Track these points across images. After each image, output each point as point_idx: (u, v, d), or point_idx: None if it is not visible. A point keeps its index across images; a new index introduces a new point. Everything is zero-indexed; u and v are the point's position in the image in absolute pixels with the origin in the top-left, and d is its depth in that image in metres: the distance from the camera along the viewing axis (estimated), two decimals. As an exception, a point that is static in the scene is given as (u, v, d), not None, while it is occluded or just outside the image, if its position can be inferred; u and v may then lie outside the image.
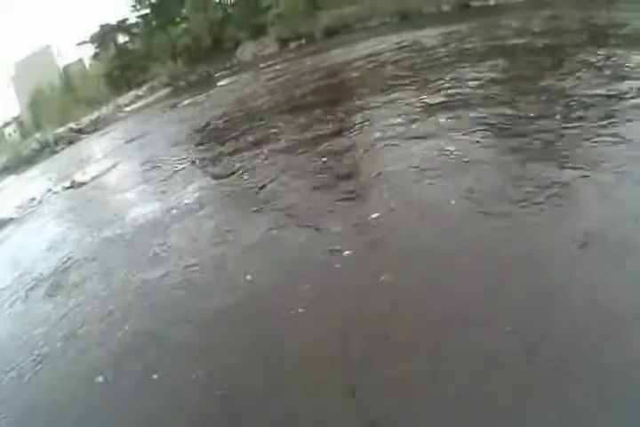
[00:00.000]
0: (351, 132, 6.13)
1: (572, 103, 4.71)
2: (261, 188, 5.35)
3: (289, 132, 7.38)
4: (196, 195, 6.07)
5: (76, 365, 3.46)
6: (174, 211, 5.71)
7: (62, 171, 12.85)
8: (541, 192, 3.34)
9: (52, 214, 8.50)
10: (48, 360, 3.65)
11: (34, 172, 16.63)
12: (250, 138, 7.83)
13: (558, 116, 4.45)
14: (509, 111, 5.02)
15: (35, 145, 22.72)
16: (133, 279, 4.38)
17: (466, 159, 4.19)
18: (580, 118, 4.31)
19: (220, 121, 10.47)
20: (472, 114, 5.23)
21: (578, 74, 5.52)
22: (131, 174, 9.11)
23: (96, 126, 21.23)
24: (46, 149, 20.56)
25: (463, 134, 4.73)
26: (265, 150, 6.77)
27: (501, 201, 3.38)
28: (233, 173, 6.27)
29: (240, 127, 9.03)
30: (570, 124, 4.24)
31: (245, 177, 5.96)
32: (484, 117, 5.01)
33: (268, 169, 5.90)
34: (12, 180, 17.20)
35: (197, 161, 7.86)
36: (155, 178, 7.73)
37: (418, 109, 6.01)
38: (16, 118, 53.00)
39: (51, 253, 6.19)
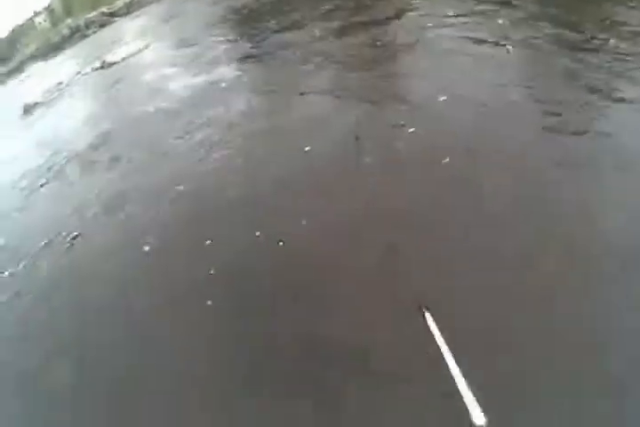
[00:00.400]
0: (404, 20, 5.29)
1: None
2: (306, 69, 4.80)
3: (334, 16, 6.39)
4: (238, 72, 5.48)
5: (118, 233, 3.33)
6: (215, 86, 5.25)
7: (92, 53, 12.12)
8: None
9: (80, 95, 8.13)
10: (91, 230, 3.56)
11: (62, 57, 15.80)
12: (295, 17, 6.87)
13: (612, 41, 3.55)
14: (565, 26, 4.05)
15: (65, 31, 21.44)
16: (179, 146, 4.12)
17: (520, 61, 3.69)
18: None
19: (261, 1, 9.27)
20: (528, 22, 4.30)
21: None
22: (163, 55, 8.38)
23: (129, 9, 19.55)
24: (77, 34, 19.42)
25: (517, 38, 3.99)
26: (310, 32, 5.97)
27: (553, 101, 3.06)
28: (275, 54, 5.61)
29: (282, 8, 7.95)
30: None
31: (289, 58, 5.33)
32: (540, 27, 4.11)
33: (314, 51, 5.24)
34: (39, 66, 16.49)
35: (236, 41, 7.05)
36: (189, 56, 7.07)
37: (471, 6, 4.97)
38: (46, 8, 50.36)
39: (85, 129, 5.94)
